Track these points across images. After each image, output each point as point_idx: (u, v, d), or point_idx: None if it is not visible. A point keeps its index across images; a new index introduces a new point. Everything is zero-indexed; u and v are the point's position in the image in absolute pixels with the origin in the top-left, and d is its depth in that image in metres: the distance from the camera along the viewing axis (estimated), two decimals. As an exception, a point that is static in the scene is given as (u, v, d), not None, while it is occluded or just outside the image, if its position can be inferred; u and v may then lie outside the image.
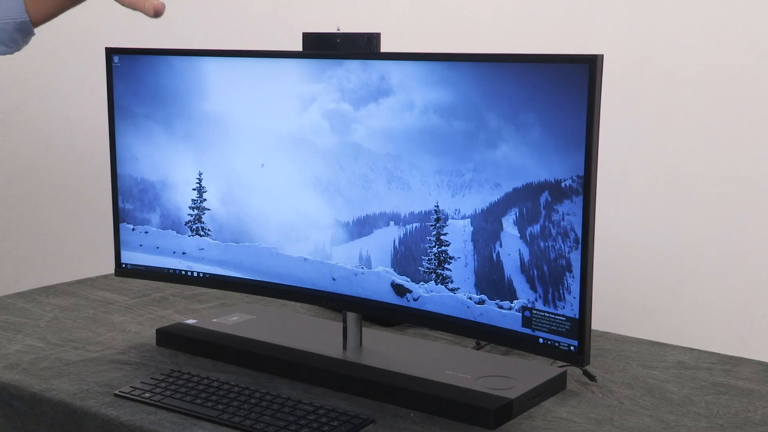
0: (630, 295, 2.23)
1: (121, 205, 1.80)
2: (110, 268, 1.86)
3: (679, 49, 2.20)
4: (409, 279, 1.53)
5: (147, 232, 1.78)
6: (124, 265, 1.82)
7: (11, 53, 1.61)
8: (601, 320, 1.47)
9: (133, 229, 1.79)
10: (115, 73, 1.75)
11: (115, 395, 1.51)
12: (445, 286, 1.49)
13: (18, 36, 1.58)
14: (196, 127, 1.70)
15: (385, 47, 1.58)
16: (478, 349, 1.71)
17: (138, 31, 2.31)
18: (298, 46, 1.63)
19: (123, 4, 1.51)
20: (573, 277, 1.35)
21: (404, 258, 1.53)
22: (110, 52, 1.76)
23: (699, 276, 2.23)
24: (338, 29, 1.61)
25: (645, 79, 2.23)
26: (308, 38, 1.63)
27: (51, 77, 2.44)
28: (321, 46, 1.61)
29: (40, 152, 2.46)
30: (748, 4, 2.11)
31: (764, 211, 2.14)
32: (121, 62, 1.75)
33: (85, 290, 2.11)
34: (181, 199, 1.75)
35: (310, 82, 1.58)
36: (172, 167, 1.74)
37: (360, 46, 1.58)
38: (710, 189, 2.19)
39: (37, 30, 1.60)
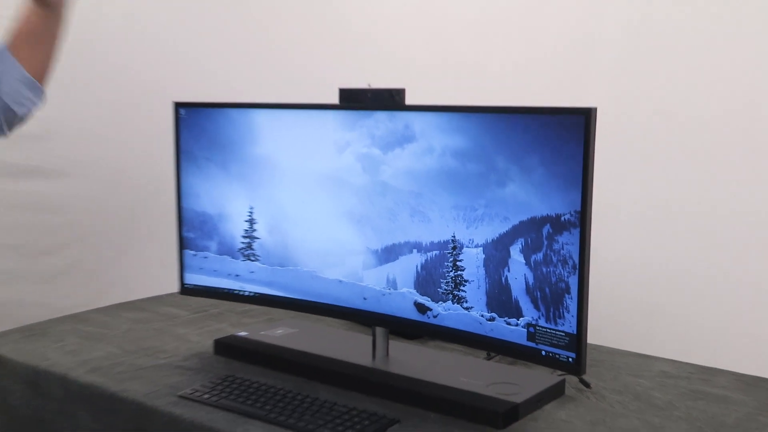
0: (620, 313, 2.21)
1: (185, 234, 1.80)
2: (175, 288, 1.85)
3: (663, 101, 2.19)
4: (429, 299, 1.52)
5: (206, 257, 1.78)
6: (186, 285, 1.82)
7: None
8: (595, 335, 1.45)
9: (195, 255, 1.79)
10: (181, 123, 1.76)
11: (179, 396, 1.50)
12: (461, 305, 1.47)
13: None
14: (248, 169, 1.70)
15: (409, 100, 1.57)
16: (488, 360, 1.69)
17: (200, 87, 2.33)
18: (335, 100, 1.63)
19: None
20: (571, 298, 1.33)
21: (425, 281, 1.51)
22: (178, 106, 1.76)
23: (679, 296, 2.21)
24: (369, 85, 1.61)
25: (634, 126, 2.22)
26: (344, 93, 1.63)
27: (126, 128, 2.45)
28: (355, 100, 1.61)
29: (117, 193, 2.47)
30: (726, 53, 2.09)
31: (731, 242, 2.12)
32: (187, 114, 1.75)
33: (155, 306, 2.11)
34: (235, 229, 1.74)
35: (345, 130, 1.58)
36: (228, 202, 1.74)
37: (387, 100, 1.57)
38: (688, 224, 2.18)
39: (112, 86, 1.60)
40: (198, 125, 1.74)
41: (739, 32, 2.07)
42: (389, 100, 1.57)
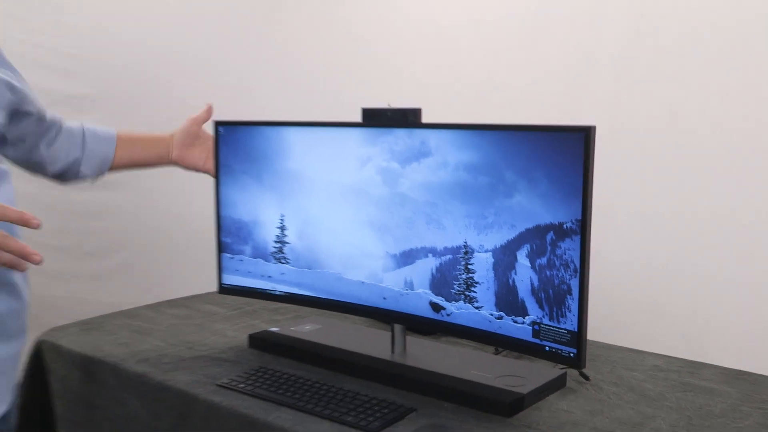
0: (616, 312, 2.20)
1: (222, 239, 1.80)
2: (214, 287, 1.86)
3: (657, 115, 2.19)
4: (443, 299, 1.51)
5: (242, 260, 1.79)
6: (224, 285, 1.83)
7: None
8: (593, 332, 1.44)
9: (231, 258, 1.80)
10: (220, 139, 1.77)
11: (218, 385, 1.50)
12: (472, 305, 1.47)
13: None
14: (280, 180, 1.71)
15: (425, 119, 1.57)
16: (496, 354, 1.68)
17: (236, 107, 2.34)
18: (358, 118, 1.64)
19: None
20: (572, 299, 1.32)
21: (440, 282, 1.51)
22: (217, 124, 1.77)
23: (669, 297, 2.20)
24: (389, 105, 1.61)
25: (630, 141, 2.22)
26: (366, 112, 1.63)
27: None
28: (376, 118, 1.61)
29: (163, 202, 2.49)
30: (715, 69, 2.08)
31: (714, 247, 2.11)
32: (225, 131, 1.76)
33: (196, 304, 2.12)
34: (268, 235, 1.75)
35: (367, 145, 1.58)
36: (262, 210, 1.75)
37: (406, 118, 1.57)
38: (679, 230, 2.17)
39: (157, 107, 1.62)
40: (235, 141, 1.75)
41: (729, 49, 2.06)
42: (407, 118, 1.57)
